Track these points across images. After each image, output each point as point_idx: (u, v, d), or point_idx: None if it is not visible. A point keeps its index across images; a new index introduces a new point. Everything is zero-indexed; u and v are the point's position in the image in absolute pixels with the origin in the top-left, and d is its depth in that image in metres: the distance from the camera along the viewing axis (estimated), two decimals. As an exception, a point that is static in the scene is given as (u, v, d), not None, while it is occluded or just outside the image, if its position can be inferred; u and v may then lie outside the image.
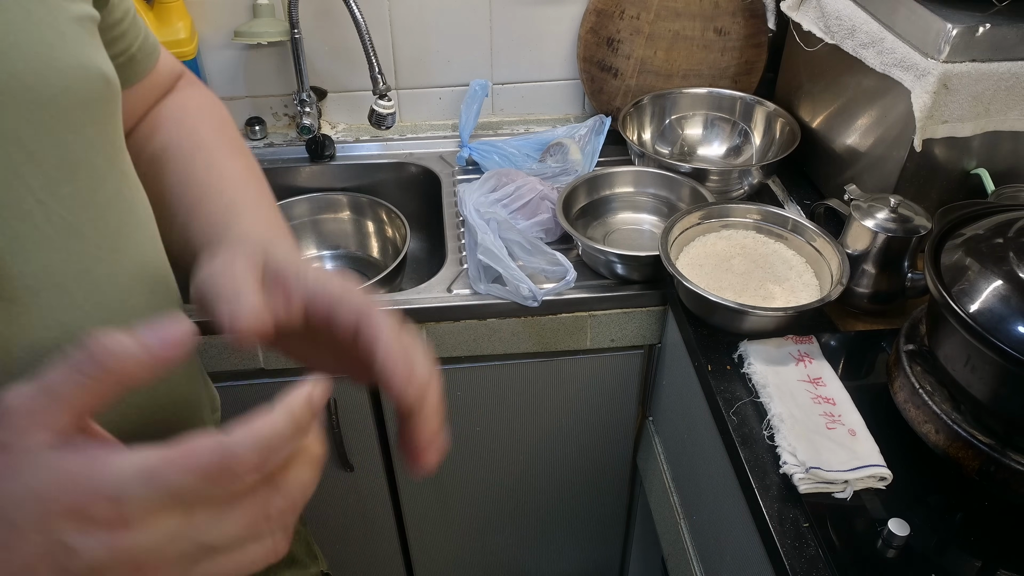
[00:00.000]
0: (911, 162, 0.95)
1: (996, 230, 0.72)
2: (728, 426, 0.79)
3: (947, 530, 0.70)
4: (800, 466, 0.72)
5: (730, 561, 0.86)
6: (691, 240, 1.00)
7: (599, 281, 1.05)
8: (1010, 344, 0.63)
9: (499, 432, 1.19)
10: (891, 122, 0.97)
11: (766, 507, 0.71)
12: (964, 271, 0.69)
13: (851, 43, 0.99)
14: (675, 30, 1.27)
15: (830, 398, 0.79)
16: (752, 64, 1.32)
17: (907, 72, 0.90)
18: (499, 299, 1.02)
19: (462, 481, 1.25)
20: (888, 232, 0.87)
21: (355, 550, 1.34)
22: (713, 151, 1.30)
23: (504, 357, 1.09)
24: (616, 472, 1.30)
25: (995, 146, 0.96)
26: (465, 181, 1.22)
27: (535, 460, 1.25)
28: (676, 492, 1.08)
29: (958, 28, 0.85)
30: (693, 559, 1.00)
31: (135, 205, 0.50)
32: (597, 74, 1.32)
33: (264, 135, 1.36)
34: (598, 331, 1.07)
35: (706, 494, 0.94)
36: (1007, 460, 0.67)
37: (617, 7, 1.26)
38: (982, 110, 0.90)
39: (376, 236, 1.33)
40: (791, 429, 0.75)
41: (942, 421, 0.71)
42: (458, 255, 1.10)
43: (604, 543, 1.43)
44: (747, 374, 0.84)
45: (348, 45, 1.26)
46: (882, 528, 0.67)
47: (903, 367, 0.76)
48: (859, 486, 0.71)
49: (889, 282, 0.90)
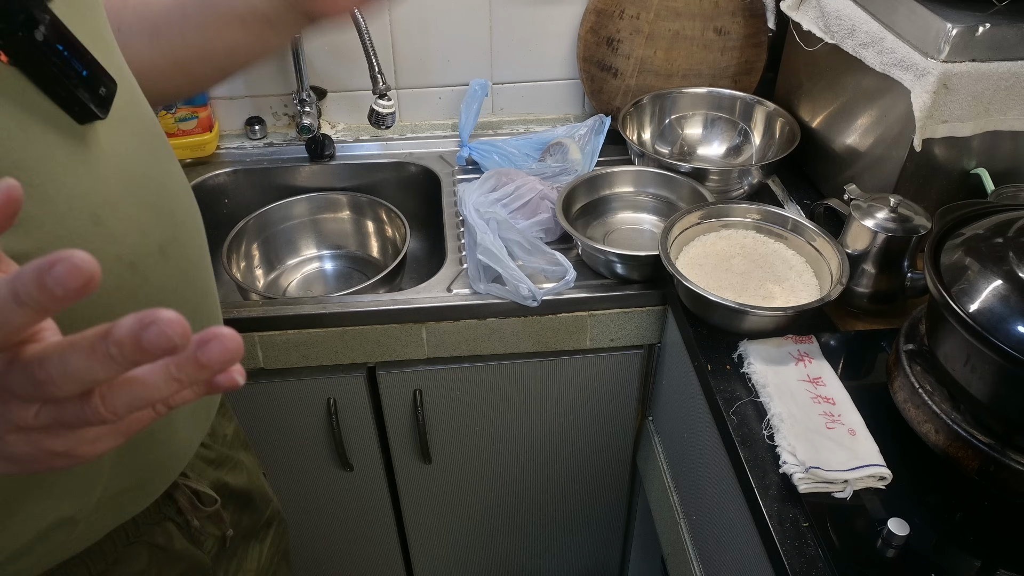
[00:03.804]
0: (911, 162, 0.95)
1: (996, 230, 0.72)
2: (728, 426, 0.79)
3: (947, 530, 0.70)
4: (800, 466, 0.72)
5: (730, 561, 0.86)
6: (691, 240, 0.99)
7: (599, 281, 1.05)
8: (1010, 344, 0.63)
9: (499, 432, 1.19)
10: (891, 122, 0.97)
11: (766, 507, 0.71)
12: (964, 271, 0.69)
13: (851, 43, 0.99)
14: (675, 30, 1.27)
15: (830, 398, 0.79)
16: (752, 64, 1.32)
17: (907, 72, 0.90)
18: (499, 299, 1.02)
19: (462, 481, 1.25)
20: (888, 232, 0.87)
21: (355, 550, 1.34)
22: (713, 151, 1.30)
23: (504, 357, 1.09)
24: (616, 472, 1.30)
25: (995, 146, 0.96)
26: (465, 181, 1.22)
27: (535, 460, 1.25)
28: (676, 492, 1.08)
29: (958, 28, 0.85)
30: (693, 559, 1.00)
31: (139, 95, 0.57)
32: (597, 74, 1.32)
33: (264, 135, 1.36)
34: (598, 331, 1.07)
35: (706, 494, 0.94)
36: (1007, 460, 0.67)
37: (617, 7, 1.26)
38: (982, 110, 0.90)
39: (376, 236, 1.33)
40: (791, 429, 0.75)
41: (942, 421, 0.71)
42: (458, 255, 1.10)
43: (604, 543, 1.43)
44: (747, 374, 0.84)
45: (348, 45, 1.26)
46: (882, 528, 0.67)
47: (903, 367, 0.76)
48: (859, 486, 0.71)
49: (889, 282, 0.90)
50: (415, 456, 1.19)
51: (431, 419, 1.15)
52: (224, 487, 0.72)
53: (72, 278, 0.27)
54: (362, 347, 1.04)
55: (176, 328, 0.29)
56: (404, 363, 1.08)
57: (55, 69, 0.43)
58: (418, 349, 1.06)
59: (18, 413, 0.33)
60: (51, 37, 0.43)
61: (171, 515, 0.64)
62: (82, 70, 0.45)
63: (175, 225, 0.54)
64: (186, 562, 0.66)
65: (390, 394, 1.11)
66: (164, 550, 0.63)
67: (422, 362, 1.08)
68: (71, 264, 0.27)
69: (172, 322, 0.29)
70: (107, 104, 0.47)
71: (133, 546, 0.60)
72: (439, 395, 1.13)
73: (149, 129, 0.56)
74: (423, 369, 1.09)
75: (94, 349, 0.30)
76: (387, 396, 1.11)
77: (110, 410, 0.32)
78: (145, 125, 0.55)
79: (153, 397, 0.32)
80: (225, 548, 0.72)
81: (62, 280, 0.27)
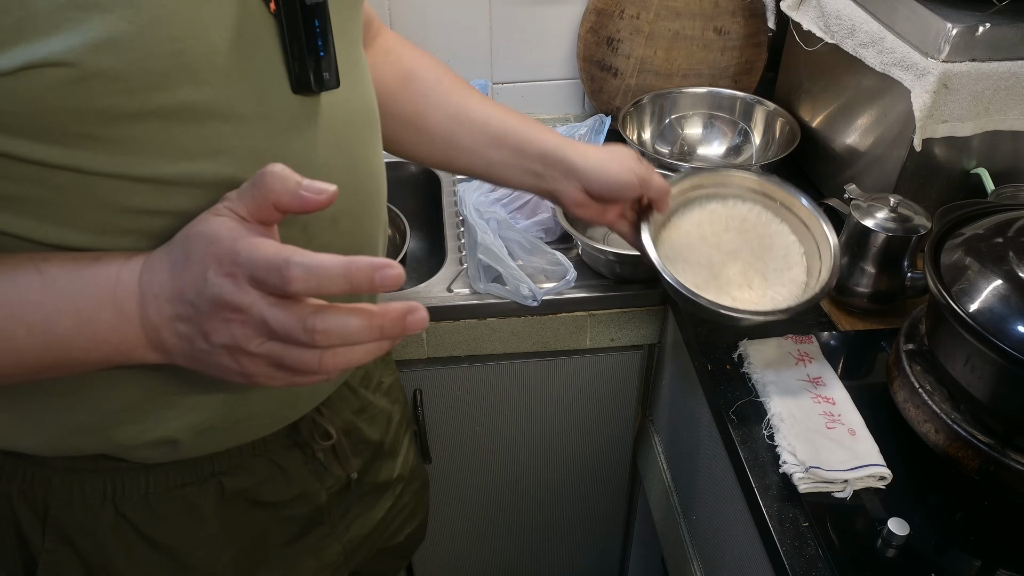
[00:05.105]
0: (911, 161, 0.95)
1: (996, 230, 0.72)
2: (728, 426, 0.79)
3: (947, 530, 0.70)
4: (800, 465, 0.72)
5: (730, 561, 0.86)
6: (691, 203, 0.87)
7: (599, 281, 1.05)
8: (1010, 344, 0.63)
9: (499, 432, 1.19)
10: (891, 122, 0.97)
11: (766, 507, 0.71)
12: (964, 271, 0.69)
13: (851, 42, 0.99)
14: (675, 29, 1.27)
15: (830, 398, 0.79)
16: (752, 64, 1.32)
17: (907, 71, 0.90)
18: (499, 298, 1.02)
19: (462, 481, 1.25)
20: (888, 232, 0.87)
21: (355, 550, 1.34)
22: (713, 151, 1.30)
23: (504, 356, 1.09)
24: (616, 472, 1.30)
25: (995, 146, 0.96)
26: (465, 180, 1.22)
27: (535, 460, 1.25)
28: (676, 492, 1.08)
29: (958, 28, 0.85)
30: (693, 559, 1.00)
31: (367, 65, 0.63)
32: (597, 73, 1.32)
33: (264, 135, 1.36)
34: (598, 331, 1.07)
35: (706, 494, 0.95)
36: (1007, 460, 0.67)
37: (617, 6, 1.26)
38: (982, 110, 0.90)
39: (376, 236, 1.33)
40: (791, 429, 0.75)
41: (942, 421, 0.71)
42: (458, 254, 1.10)
43: (604, 543, 1.43)
44: (747, 374, 0.84)
45: (348, 45, 1.26)
46: (882, 528, 0.67)
47: (903, 367, 0.76)
48: (859, 485, 0.71)
49: (889, 282, 0.90)
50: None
51: (431, 419, 1.15)
52: (356, 432, 0.74)
53: (394, 283, 0.41)
54: (362, 347, 1.04)
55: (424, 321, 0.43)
56: (404, 363, 1.08)
57: (304, 34, 0.49)
58: (418, 349, 1.06)
59: (254, 341, 0.43)
60: (315, 9, 0.48)
61: (298, 442, 0.68)
62: (321, 50, 0.50)
63: (355, 201, 0.59)
64: (300, 488, 0.69)
65: (390, 394, 1.11)
66: (284, 471, 0.67)
67: (422, 362, 1.08)
68: (395, 275, 0.40)
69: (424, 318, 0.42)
70: (323, 85, 0.51)
71: (258, 458, 0.65)
72: (439, 395, 1.13)
73: (366, 119, 0.61)
74: (423, 369, 1.09)
75: (371, 324, 0.41)
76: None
77: (325, 369, 0.43)
78: (364, 114, 0.61)
79: (360, 357, 0.43)
80: (349, 491, 0.74)
81: (388, 285, 0.40)
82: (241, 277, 0.42)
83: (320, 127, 0.54)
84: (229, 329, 0.43)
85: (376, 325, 0.42)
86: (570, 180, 0.76)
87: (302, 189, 0.42)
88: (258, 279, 0.41)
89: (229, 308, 0.43)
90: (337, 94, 0.54)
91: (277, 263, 0.40)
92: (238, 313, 0.42)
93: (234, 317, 0.43)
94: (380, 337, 0.42)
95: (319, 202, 0.43)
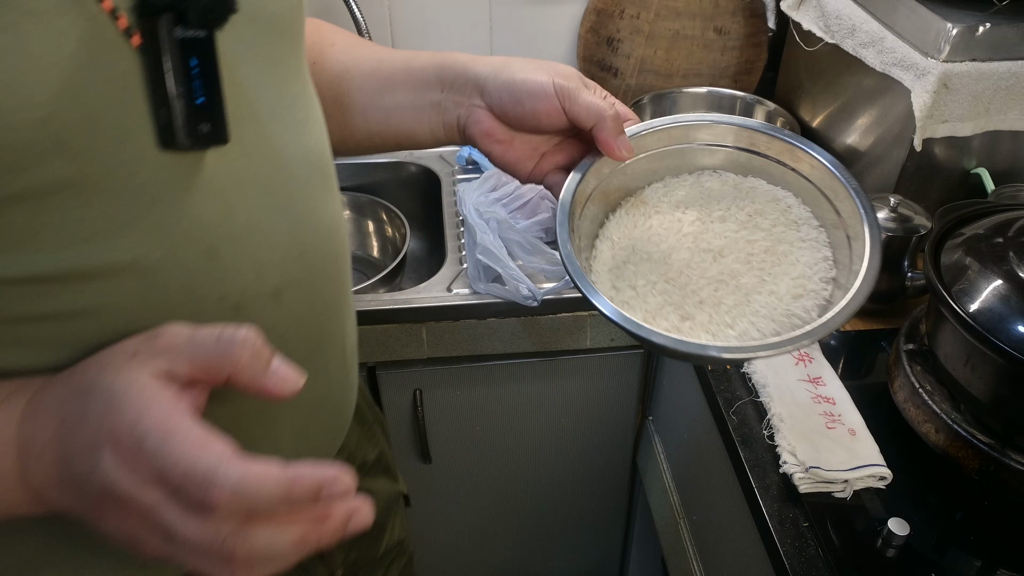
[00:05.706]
0: (911, 161, 0.95)
1: (996, 230, 0.72)
2: (728, 426, 0.79)
3: (947, 530, 0.70)
4: (800, 466, 0.72)
5: (730, 561, 0.86)
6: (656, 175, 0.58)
7: (599, 281, 1.05)
8: (1010, 344, 0.63)
9: (498, 431, 1.19)
10: (891, 121, 0.97)
11: (766, 507, 0.71)
12: (964, 271, 0.69)
13: (851, 42, 0.99)
14: (675, 29, 1.27)
15: (830, 398, 0.79)
16: (752, 63, 1.32)
17: (907, 71, 0.90)
18: (499, 299, 1.02)
19: (462, 481, 1.25)
20: (888, 231, 0.87)
21: (355, 550, 1.34)
22: (713, 151, 1.30)
23: (504, 356, 1.09)
24: (616, 472, 1.30)
25: (995, 146, 0.96)
26: (465, 180, 1.22)
27: (535, 459, 1.25)
28: (676, 492, 1.08)
29: (958, 28, 0.85)
30: (693, 559, 1.00)
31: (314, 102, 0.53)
32: (597, 73, 1.32)
33: (264, 135, 1.35)
34: (598, 330, 1.07)
35: (706, 494, 0.94)
36: (1007, 460, 0.67)
37: (617, 6, 1.26)
38: (982, 110, 0.90)
39: (376, 235, 1.33)
40: (791, 429, 0.75)
41: (942, 421, 0.71)
42: (458, 255, 1.10)
43: (604, 543, 1.43)
44: (747, 374, 0.84)
45: (348, 44, 1.26)
46: (882, 527, 0.67)
47: (903, 367, 0.76)
48: (859, 485, 0.71)
49: (889, 282, 0.90)
50: (415, 456, 1.19)
51: (431, 419, 1.15)
52: None
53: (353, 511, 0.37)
54: (362, 347, 1.04)
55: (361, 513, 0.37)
56: (404, 363, 1.08)
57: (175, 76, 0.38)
58: (418, 349, 1.06)
59: (152, 543, 0.36)
60: (192, 45, 0.38)
61: None
62: (199, 95, 0.39)
63: (302, 267, 0.49)
64: None
65: (390, 394, 1.11)
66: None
67: (422, 362, 1.08)
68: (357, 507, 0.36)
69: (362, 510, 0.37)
70: (199, 140, 0.40)
71: None
72: (439, 395, 1.13)
73: (311, 167, 0.50)
74: (423, 369, 1.09)
75: (305, 539, 0.35)
76: (387, 396, 1.11)
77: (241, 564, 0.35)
78: (308, 162, 0.50)
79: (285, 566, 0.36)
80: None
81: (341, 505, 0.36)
82: (145, 471, 0.34)
83: (227, 186, 0.43)
84: (125, 524, 0.36)
85: (312, 539, 0.35)
86: (474, 100, 0.55)
87: (271, 373, 0.37)
88: (168, 483, 0.34)
89: (124, 503, 0.35)
90: (268, 142, 0.45)
91: (198, 477, 0.33)
92: (135, 511, 0.35)
93: (130, 513, 0.35)
94: (315, 549, 0.36)
95: (281, 394, 0.37)
